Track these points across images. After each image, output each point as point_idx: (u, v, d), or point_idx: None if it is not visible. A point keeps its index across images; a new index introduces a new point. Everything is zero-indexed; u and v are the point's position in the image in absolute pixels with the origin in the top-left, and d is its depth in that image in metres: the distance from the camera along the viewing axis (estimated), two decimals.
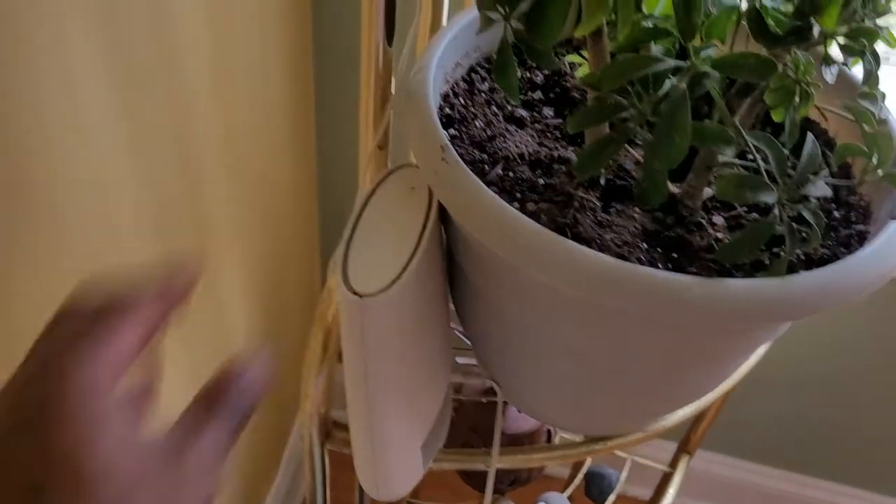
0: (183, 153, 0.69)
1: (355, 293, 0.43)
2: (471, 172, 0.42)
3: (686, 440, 1.00)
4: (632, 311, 0.41)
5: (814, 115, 0.54)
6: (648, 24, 0.43)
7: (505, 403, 0.62)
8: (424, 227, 0.47)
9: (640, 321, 0.43)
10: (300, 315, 1.16)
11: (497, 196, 0.41)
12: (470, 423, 0.79)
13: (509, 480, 0.90)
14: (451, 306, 0.57)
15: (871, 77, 0.40)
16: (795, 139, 0.43)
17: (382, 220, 0.48)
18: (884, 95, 0.45)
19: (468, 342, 0.61)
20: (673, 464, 1.00)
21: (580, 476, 0.99)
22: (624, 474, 0.98)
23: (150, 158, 0.63)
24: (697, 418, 0.96)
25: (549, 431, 0.87)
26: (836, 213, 0.49)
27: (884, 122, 0.46)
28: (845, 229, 0.47)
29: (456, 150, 0.46)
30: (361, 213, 0.48)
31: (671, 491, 0.98)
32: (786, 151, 0.40)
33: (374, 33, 0.46)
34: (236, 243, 0.83)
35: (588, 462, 1.02)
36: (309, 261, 1.15)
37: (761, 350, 0.65)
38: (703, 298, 0.38)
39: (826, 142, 0.52)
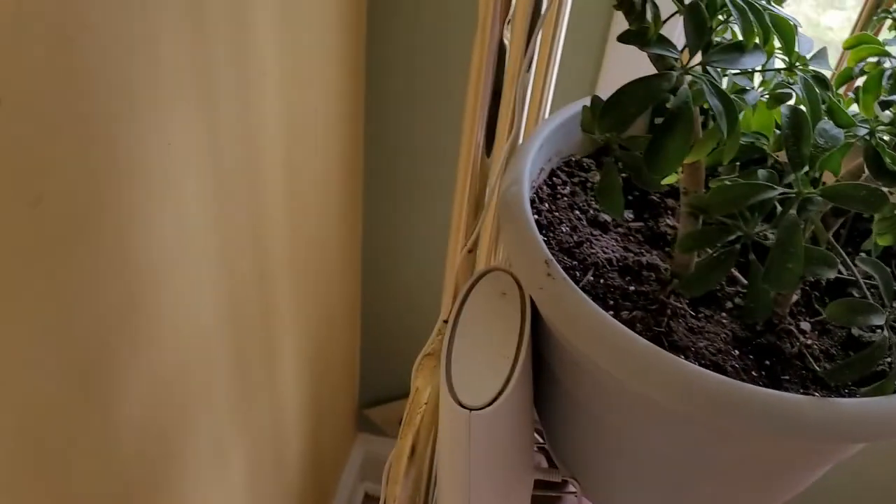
0: (259, 257, 0.71)
1: (462, 405, 0.44)
2: (577, 289, 0.43)
3: None
4: (739, 428, 0.41)
5: None
6: (743, 141, 0.45)
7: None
8: (521, 335, 0.48)
9: (743, 436, 0.43)
10: (340, 389, 1.17)
11: (602, 311, 0.42)
12: None
13: None
14: None
15: None
16: (878, 254, 0.44)
17: (479, 327, 0.49)
18: None
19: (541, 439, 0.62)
20: None
21: None
22: None
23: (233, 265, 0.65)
24: None
25: None
26: None
27: None
28: None
29: None
30: (458, 316, 0.50)
31: None
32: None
33: (474, 144, 0.48)
34: (298, 331, 0.85)
35: None
36: (349, 339, 1.17)
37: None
38: (817, 420, 0.38)
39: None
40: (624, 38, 0.37)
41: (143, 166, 0.51)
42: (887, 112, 0.36)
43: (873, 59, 0.36)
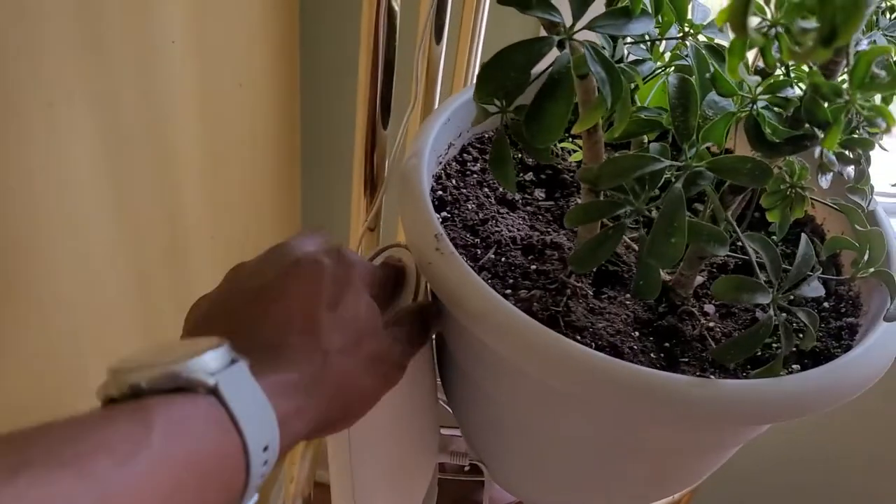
0: (171, 226, 0.68)
1: None
2: (466, 265, 0.42)
3: None
4: (629, 410, 0.40)
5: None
6: (642, 115, 0.43)
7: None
8: None
9: (633, 416, 0.42)
10: None
11: (492, 290, 0.41)
12: (451, 491, 0.78)
13: None
14: (439, 382, 0.57)
15: (864, 176, 0.40)
16: (784, 233, 0.43)
17: None
18: (872, 188, 0.46)
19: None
20: None
21: None
22: None
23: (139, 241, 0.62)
24: None
25: None
26: (827, 304, 0.49)
27: (871, 215, 0.47)
28: (836, 321, 0.47)
29: (448, 234, 0.46)
30: None
31: None
32: (779, 249, 0.40)
33: (368, 117, 0.46)
34: None
35: None
36: None
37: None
38: (701, 400, 0.37)
39: (814, 229, 0.53)
40: (504, 0, 0.35)
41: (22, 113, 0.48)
42: (754, 77, 0.35)
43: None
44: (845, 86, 0.29)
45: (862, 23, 0.22)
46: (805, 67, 0.35)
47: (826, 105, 0.32)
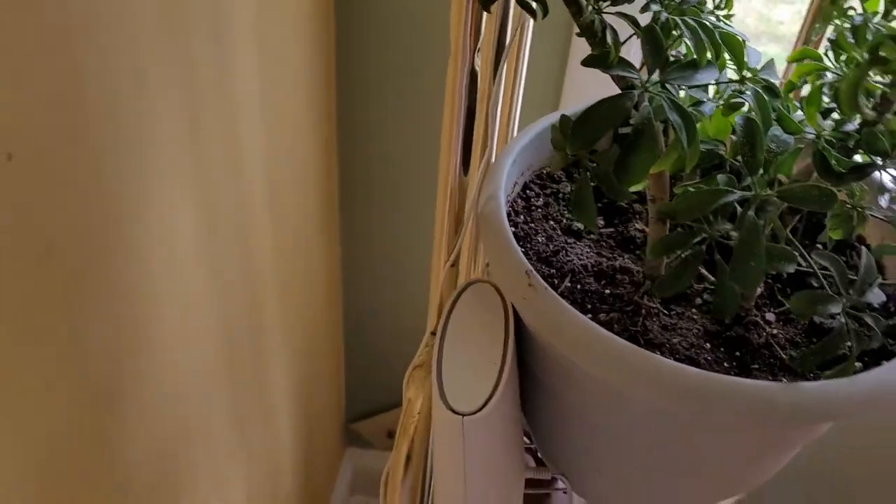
0: (251, 287, 0.73)
1: (455, 412, 0.47)
2: (558, 297, 0.46)
3: None
4: (716, 417, 0.44)
5: None
6: (703, 148, 0.48)
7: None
8: (506, 342, 0.51)
9: (720, 425, 0.46)
10: (327, 410, 1.19)
11: (585, 317, 0.45)
12: None
13: None
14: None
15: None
16: (833, 245, 0.48)
17: (466, 337, 0.52)
18: None
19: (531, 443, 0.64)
20: None
21: None
22: None
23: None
24: None
25: None
26: (893, 308, 0.53)
27: None
28: (886, 319, 0.52)
29: None
30: (445, 330, 0.52)
31: None
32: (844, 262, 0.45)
33: (452, 163, 0.51)
34: (287, 357, 0.87)
35: None
36: (332, 359, 1.19)
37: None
38: (787, 404, 0.42)
39: (858, 240, 0.57)
40: (588, 63, 0.40)
41: (139, 205, 0.53)
42: (828, 121, 0.39)
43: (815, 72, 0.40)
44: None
45: None
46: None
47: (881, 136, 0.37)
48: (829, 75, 0.31)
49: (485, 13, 0.45)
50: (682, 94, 0.48)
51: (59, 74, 0.44)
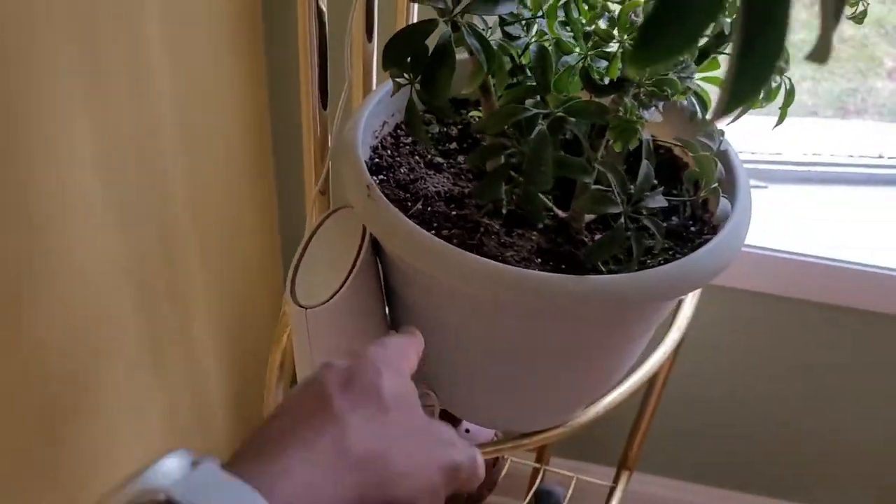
0: (161, 211, 0.79)
1: (301, 306, 0.54)
2: (391, 206, 0.53)
3: (624, 457, 1.09)
4: (523, 305, 0.51)
5: (678, 151, 0.66)
6: (527, 82, 0.55)
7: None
8: (358, 253, 0.57)
9: (533, 315, 0.53)
10: (264, 342, 1.23)
11: (413, 223, 0.52)
12: None
13: (463, 498, 0.99)
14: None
15: (695, 117, 0.52)
16: (654, 164, 0.54)
17: (324, 251, 0.58)
18: (721, 132, 0.57)
19: None
20: (615, 480, 1.10)
21: (531, 494, 1.08)
22: (570, 492, 1.07)
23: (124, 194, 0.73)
24: (631, 434, 1.06)
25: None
26: (693, 228, 0.60)
27: (724, 154, 0.58)
28: (698, 239, 0.58)
29: (383, 191, 0.57)
30: (307, 246, 0.59)
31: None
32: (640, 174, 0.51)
33: (311, 99, 0.57)
34: (211, 285, 0.93)
35: (538, 482, 1.11)
36: (271, 295, 1.24)
37: (659, 356, 0.75)
38: (572, 290, 0.48)
39: (682, 167, 0.64)
40: None
41: (31, 134, 0.59)
42: (565, 30, 0.46)
43: None
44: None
45: None
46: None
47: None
48: None
49: None
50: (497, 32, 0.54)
51: None
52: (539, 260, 0.58)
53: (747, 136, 1.06)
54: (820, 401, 1.23)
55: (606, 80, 0.46)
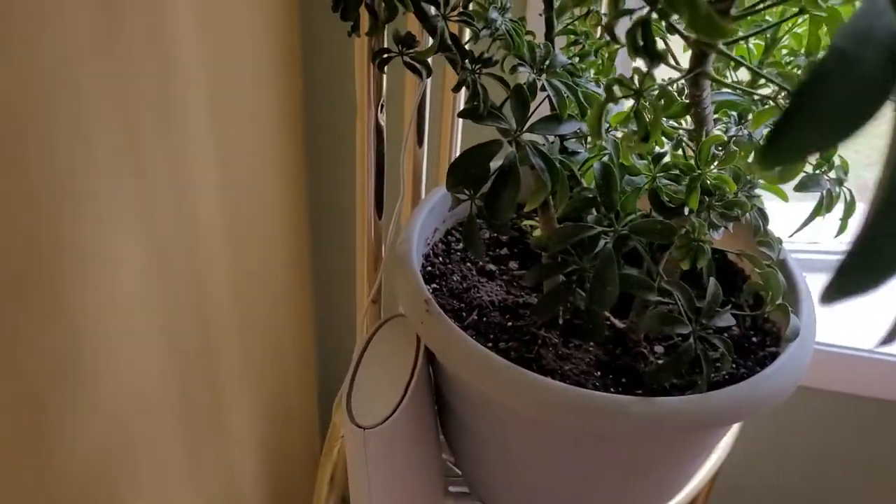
0: (201, 310, 0.79)
1: (359, 426, 0.52)
2: (449, 320, 0.52)
3: None
4: (585, 428, 0.49)
5: (734, 258, 0.65)
6: (586, 195, 0.54)
7: None
8: (414, 368, 0.56)
9: (596, 437, 0.51)
10: (301, 456, 1.22)
11: (472, 339, 0.51)
12: None
13: None
14: (443, 439, 0.66)
15: (759, 231, 0.51)
16: (714, 279, 0.53)
17: (379, 364, 0.57)
18: (779, 240, 0.56)
19: (458, 471, 0.69)
20: None
21: None
22: None
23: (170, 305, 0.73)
24: None
25: None
26: (755, 339, 0.59)
27: (782, 263, 0.57)
28: (761, 351, 0.57)
29: (438, 300, 0.56)
30: (361, 358, 0.58)
31: None
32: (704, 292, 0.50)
33: (367, 209, 0.57)
34: (245, 393, 0.92)
35: None
36: (308, 408, 1.23)
37: (717, 462, 0.73)
38: (641, 414, 0.47)
39: (744, 279, 0.63)
40: (462, 115, 0.47)
41: (77, 237, 0.59)
42: (641, 161, 0.46)
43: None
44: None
45: (660, 130, 0.33)
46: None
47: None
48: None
49: (383, 73, 0.52)
50: (556, 147, 0.54)
51: None
52: (598, 373, 0.57)
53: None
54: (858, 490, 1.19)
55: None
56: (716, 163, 0.38)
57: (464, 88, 0.49)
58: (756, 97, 0.46)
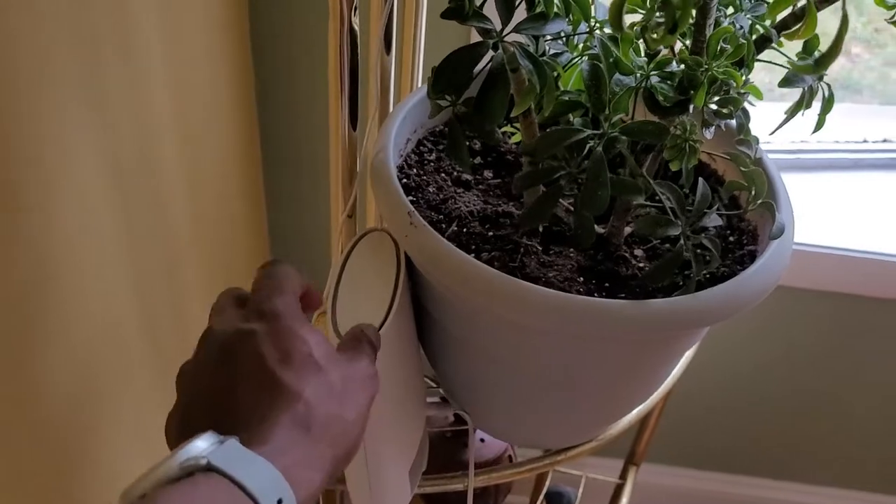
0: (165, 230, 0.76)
1: None
2: (436, 233, 0.51)
3: (632, 453, 1.09)
4: (578, 333, 0.50)
5: (705, 158, 0.65)
6: (566, 98, 0.53)
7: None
8: (397, 282, 0.55)
9: (585, 340, 0.52)
10: None
11: (459, 250, 0.50)
12: (439, 455, 0.86)
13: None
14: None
15: (743, 129, 0.51)
16: (691, 181, 0.53)
17: (360, 279, 0.56)
18: (757, 139, 0.56)
19: (432, 382, 0.69)
20: (623, 475, 1.10)
21: (541, 498, 1.07)
22: (580, 491, 1.07)
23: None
24: (639, 431, 1.06)
25: (509, 458, 0.95)
26: (731, 238, 0.59)
27: (759, 161, 0.57)
28: (739, 250, 0.58)
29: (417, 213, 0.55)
30: (342, 273, 0.56)
31: (624, 501, 1.07)
32: (684, 192, 0.50)
33: (341, 120, 0.55)
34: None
35: (547, 483, 1.10)
36: None
37: (685, 360, 0.75)
38: (634, 317, 0.47)
39: (717, 180, 0.63)
40: (445, 15, 0.45)
41: (41, 164, 0.56)
42: (641, 59, 0.44)
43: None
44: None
45: (690, 18, 0.32)
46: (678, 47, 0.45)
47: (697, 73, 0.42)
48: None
49: None
50: (546, 48, 0.53)
51: None
52: (581, 279, 0.57)
53: None
54: (811, 382, 1.26)
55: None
56: (724, 56, 0.37)
57: None
58: None
